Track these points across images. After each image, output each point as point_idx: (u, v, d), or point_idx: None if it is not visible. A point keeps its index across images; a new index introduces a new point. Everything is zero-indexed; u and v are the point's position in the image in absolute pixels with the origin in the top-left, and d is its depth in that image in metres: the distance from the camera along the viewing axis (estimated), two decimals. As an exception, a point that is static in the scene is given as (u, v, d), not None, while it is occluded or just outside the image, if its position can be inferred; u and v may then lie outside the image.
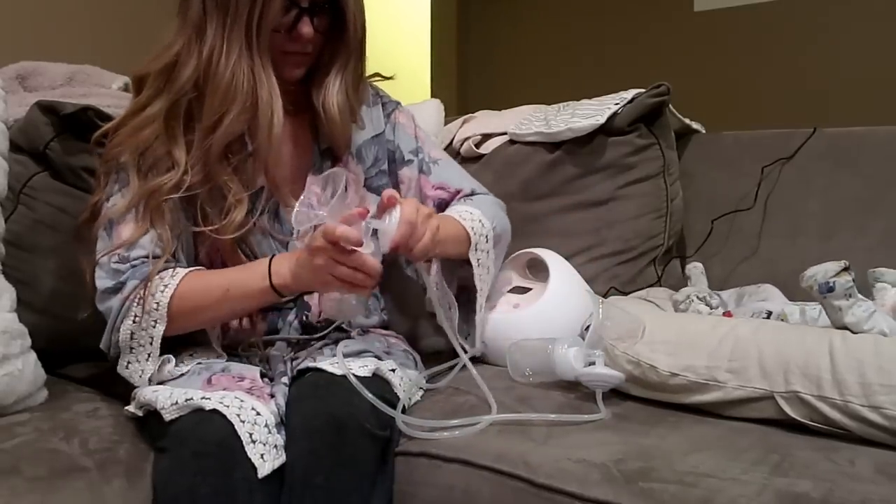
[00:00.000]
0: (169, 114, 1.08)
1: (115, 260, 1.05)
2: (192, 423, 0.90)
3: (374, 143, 1.25)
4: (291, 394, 0.98)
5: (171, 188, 1.06)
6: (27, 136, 1.30)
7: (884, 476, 0.80)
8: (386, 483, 0.95)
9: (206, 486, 0.85)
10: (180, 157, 1.07)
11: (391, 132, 1.28)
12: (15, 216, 1.25)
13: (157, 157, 1.08)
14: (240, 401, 0.91)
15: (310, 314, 1.17)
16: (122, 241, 1.05)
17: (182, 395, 0.93)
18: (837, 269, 0.98)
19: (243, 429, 0.88)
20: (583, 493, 0.83)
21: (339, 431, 0.90)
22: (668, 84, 1.45)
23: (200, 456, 0.87)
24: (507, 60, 3.41)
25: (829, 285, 0.98)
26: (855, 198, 1.39)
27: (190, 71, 1.07)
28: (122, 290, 1.04)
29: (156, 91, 1.09)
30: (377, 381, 0.99)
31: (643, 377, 1.04)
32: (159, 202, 1.06)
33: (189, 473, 0.86)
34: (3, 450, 0.92)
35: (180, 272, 1.05)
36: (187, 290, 1.04)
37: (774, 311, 1.16)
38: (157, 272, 1.04)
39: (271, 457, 0.89)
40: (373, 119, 1.26)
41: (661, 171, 1.47)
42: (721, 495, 0.78)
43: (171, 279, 1.04)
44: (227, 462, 0.86)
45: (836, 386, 0.90)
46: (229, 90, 1.06)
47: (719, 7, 2.91)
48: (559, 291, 1.23)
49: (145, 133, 1.08)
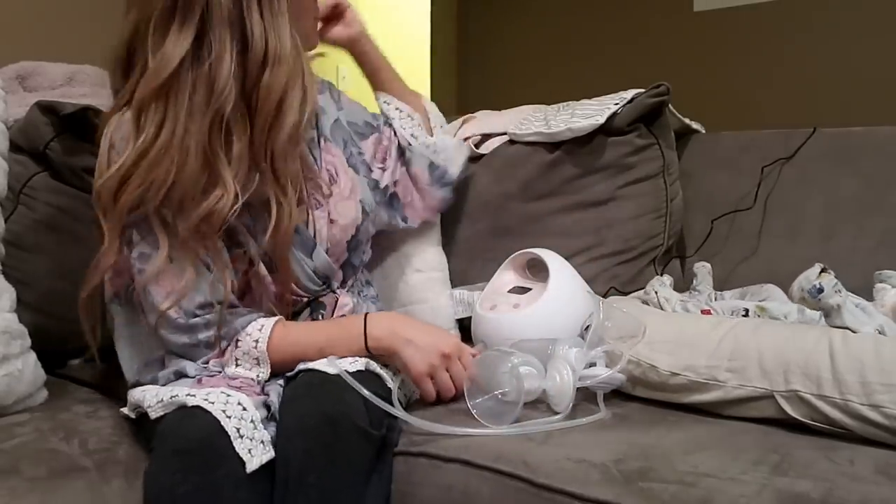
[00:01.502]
0: (211, 131, 0.97)
1: (176, 315, 1.00)
2: (175, 420, 0.89)
3: (337, 128, 1.24)
4: (285, 393, 0.97)
5: (221, 217, 0.98)
6: (27, 136, 1.30)
7: (884, 476, 0.80)
8: (382, 482, 0.94)
9: (187, 483, 0.84)
10: (228, 176, 0.98)
11: (346, 115, 1.27)
12: (15, 216, 1.25)
13: (185, 191, 0.97)
14: (226, 395, 0.90)
15: (324, 314, 1.15)
16: (178, 292, 0.98)
17: (168, 393, 0.92)
18: (817, 271, 1.00)
19: (230, 424, 0.87)
20: (583, 493, 0.83)
21: (333, 430, 0.89)
22: (667, 84, 1.45)
23: (181, 453, 0.85)
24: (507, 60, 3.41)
25: (818, 287, 0.98)
26: (855, 198, 1.39)
27: (227, 71, 0.96)
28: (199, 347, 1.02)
29: (163, 115, 0.97)
30: (369, 377, 0.98)
31: (643, 377, 1.04)
32: (204, 237, 0.98)
33: (169, 471, 0.85)
34: (3, 450, 0.92)
35: (267, 324, 1.02)
36: (278, 348, 1.01)
37: (751, 310, 1.16)
38: (230, 319, 1.01)
39: (259, 452, 0.87)
40: (325, 104, 1.24)
41: (661, 171, 1.47)
42: (721, 495, 0.78)
43: (260, 332, 1.01)
44: (210, 459, 0.85)
45: (836, 385, 0.90)
46: (288, 66, 0.99)
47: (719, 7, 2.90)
48: (559, 291, 1.23)
49: (161, 169, 0.96)
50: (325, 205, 1.15)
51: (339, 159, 1.21)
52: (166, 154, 0.96)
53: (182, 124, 0.96)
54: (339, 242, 1.17)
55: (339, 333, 1.05)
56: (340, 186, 1.18)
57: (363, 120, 1.30)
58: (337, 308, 1.15)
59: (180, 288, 0.99)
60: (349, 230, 1.18)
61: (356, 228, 1.19)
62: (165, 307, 0.99)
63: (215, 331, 1.01)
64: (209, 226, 0.98)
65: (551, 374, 1.01)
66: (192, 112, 0.97)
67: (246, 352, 1.01)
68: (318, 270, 1.13)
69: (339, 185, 1.18)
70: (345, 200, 1.18)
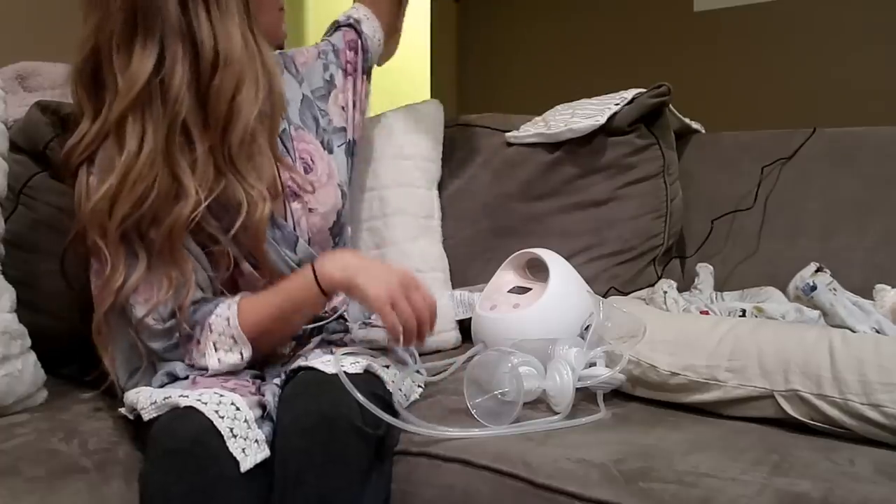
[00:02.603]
0: (169, 140, 1.00)
1: (154, 320, 1.02)
2: (168, 421, 0.89)
3: (305, 107, 1.23)
4: (283, 393, 0.97)
5: (182, 223, 1.00)
6: (27, 136, 1.30)
7: (884, 476, 0.80)
8: (381, 482, 0.94)
9: (180, 484, 0.84)
10: (189, 183, 1.00)
11: (306, 85, 1.25)
12: (15, 216, 1.25)
13: (157, 205, 1.00)
14: (219, 395, 0.90)
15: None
16: (155, 300, 1.01)
17: (161, 394, 0.92)
18: (812, 270, 1.00)
19: (223, 424, 0.87)
20: (582, 493, 0.83)
21: (331, 430, 0.89)
22: (668, 84, 1.45)
23: (173, 454, 0.85)
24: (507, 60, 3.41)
25: (811, 285, 0.99)
26: (854, 198, 1.39)
27: (179, 79, 0.99)
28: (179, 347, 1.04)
29: (141, 128, 0.99)
30: (369, 379, 0.98)
31: (643, 377, 1.04)
32: (173, 244, 1.01)
33: (163, 472, 0.85)
34: (3, 450, 0.92)
35: (233, 301, 1.04)
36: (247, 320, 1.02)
37: (748, 310, 1.16)
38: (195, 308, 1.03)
39: (253, 451, 0.87)
40: (292, 86, 1.23)
41: (661, 171, 1.47)
42: (721, 495, 0.78)
43: (229, 310, 1.03)
44: (203, 459, 0.85)
45: (836, 384, 0.90)
46: (240, 65, 1.01)
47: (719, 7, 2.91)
48: (559, 291, 1.23)
49: (142, 186, 0.99)
50: (302, 195, 1.15)
51: (314, 146, 1.20)
52: (152, 167, 0.99)
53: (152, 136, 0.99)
54: (322, 230, 1.17)
55: (294, 287, 1.05)
56: (318, 174, 1.18)
57: (321, 77, 1.28)
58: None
59: (158, 296, 1.01)
60: (330, 217, 1.18)
61: (336, 213, 1.19)
62: (143, 315, 1.01)
63: (185, 327, 1.02)
64: (176, 232, 1.01)
65: (551, 374, 1.01)
66: (155, 123, 0.99)
67: (220, 332, 1.02)
68: (304, 264, 1.12)
69: (317, 172, 1.18)
70: (323, 188, 1.18)
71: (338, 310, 1.17)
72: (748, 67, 2.84)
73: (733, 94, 2.82)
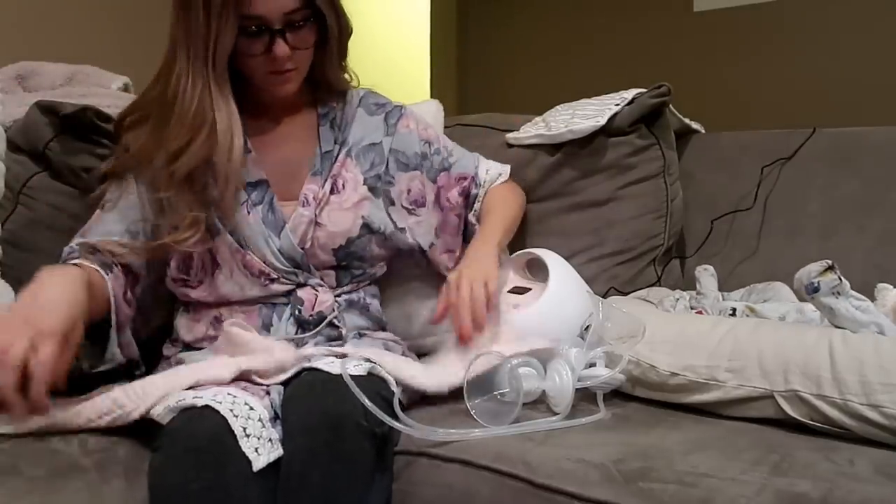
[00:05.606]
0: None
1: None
2: (184, 420, 0.89)
3: (371, 150, 1.27)
4: (287, 393, 0.98)
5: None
6: (27, 136, 1.30)
7: (883, 476, 0.80)
8: (385, 480, 0.95)
9: (199, 480, 0.85)
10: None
11: (394, 142, 1.29)
12: (14, 216, 1.26)
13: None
14: (232, 396, 0.92)
15: (302, 309, 1.18)
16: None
17: (175, 398, 0.93)
18: (821, 268, 0.98)
19: (237, 423, 0.88)
20: (582, 493, 0.83)
21: (336, 429, 0.90)
22: (668, 84, 1.45)
23: (192, 451, 0.86)
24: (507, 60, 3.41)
25: (815, 285, 0.98)
26: (854, 198, 1.39)
27: (154, 94, 1.14)
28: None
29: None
30: (373, 380, 0.99)
31: (643, 377, 1.04)
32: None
33: (181, 469, 0.86)
34: (3, 450, 0.92)
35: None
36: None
37: (739, 309, 1.16)
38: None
39: (266, 450, 0.89)
40: (372, 128, 1.28)
41: (661, 171, 1.47)
42: (721, 495, 0.78)
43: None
44: (220, 457, 0.86)
45: (835, 385, 0.90)
46: (196, 119, 1.09)
47: (719, 7, 2.91)
48: (559, 292, 1.23)
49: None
50: (312, 206, 1.19)
51: (355, 175, 1.24)
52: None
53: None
54: (324, 246, 1.20)
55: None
56: (342, 198, 1.21)
57: (413, 151, 1.31)
58: (316, 304, 1.18)
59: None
60: (337, 239, 1.20)
61: (347, 240, 1.21)
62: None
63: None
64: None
65: (551, 375, 1.01)
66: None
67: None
68: (284, 251, 1.17)
69: (342, 195, 1.21)
70: (342, 210, 1.21)
71: (325, 315, 1.18)
72: (748, 67, 2.84)
73: (733, 94, 2.82)
